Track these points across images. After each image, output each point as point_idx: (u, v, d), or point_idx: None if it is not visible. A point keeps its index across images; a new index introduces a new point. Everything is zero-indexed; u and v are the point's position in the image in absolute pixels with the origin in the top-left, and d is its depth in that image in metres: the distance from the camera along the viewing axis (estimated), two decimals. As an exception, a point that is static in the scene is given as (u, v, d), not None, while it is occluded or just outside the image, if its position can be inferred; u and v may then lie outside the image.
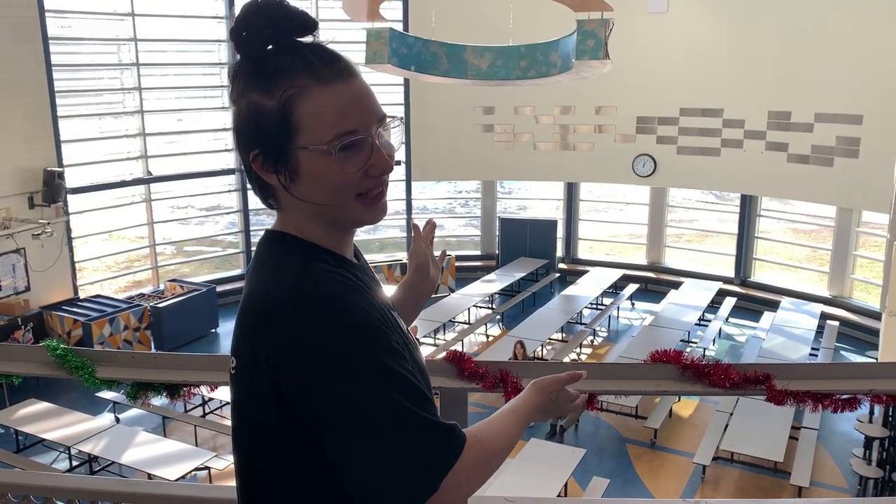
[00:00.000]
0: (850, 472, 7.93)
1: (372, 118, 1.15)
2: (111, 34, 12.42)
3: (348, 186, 1.15)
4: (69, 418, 8.11)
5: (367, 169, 1.15)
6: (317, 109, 1.12)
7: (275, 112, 1.13)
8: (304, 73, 1.12)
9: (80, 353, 1.96)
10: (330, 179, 1.14)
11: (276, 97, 1.13)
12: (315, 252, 1.20)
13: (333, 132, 1.12)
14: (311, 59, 1.13)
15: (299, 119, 1.12)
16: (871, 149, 11.26)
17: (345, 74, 1.14)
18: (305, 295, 1.10)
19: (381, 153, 1.16)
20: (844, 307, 12.41)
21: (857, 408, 1.62)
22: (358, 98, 1.15)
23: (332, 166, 1.13)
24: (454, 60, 9.80)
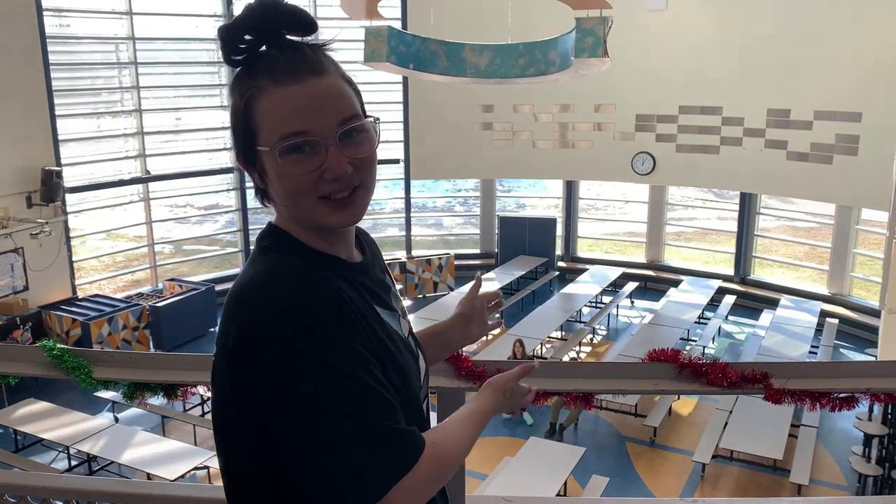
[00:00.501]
0: (850, 469, 7.93)
1: (329, 120, 1.11)
2: (109, 33, 12.40)
3: (303, 189, 1.12)
4: (68, 418, 8.10)
5: (323, 172, 1.11)
6: (268, 110, 1.12)
7: (241, 112, 1.15)
8: (264, 73, 1.12)
9: (77, 354, 1.96)
10: (285, 182, 1.13)
11: (242, 98, 1.15)
12: (299, 249, 1.18)
13: (279, 133, 1.10)
14: (276, 58, 1.12)
15: (255, 120, 1.13)
16: (870, 146, 11.25)
17: (302, 75, 1.11)
18: (269, 290, 1.09)
19: (337, 156, 1.11)
20: (844, 305, 12.41)
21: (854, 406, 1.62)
22: (311, 99, 1.11)
23: (281, 168, 1.11)
24: (453, 59, 9.79)
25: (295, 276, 1.11)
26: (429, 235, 16.13)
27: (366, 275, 1.27)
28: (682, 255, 15.12)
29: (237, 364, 1.08)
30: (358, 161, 1.14)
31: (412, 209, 15.07)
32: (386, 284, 1.34)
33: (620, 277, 13.78)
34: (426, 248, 15.39)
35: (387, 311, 1.26)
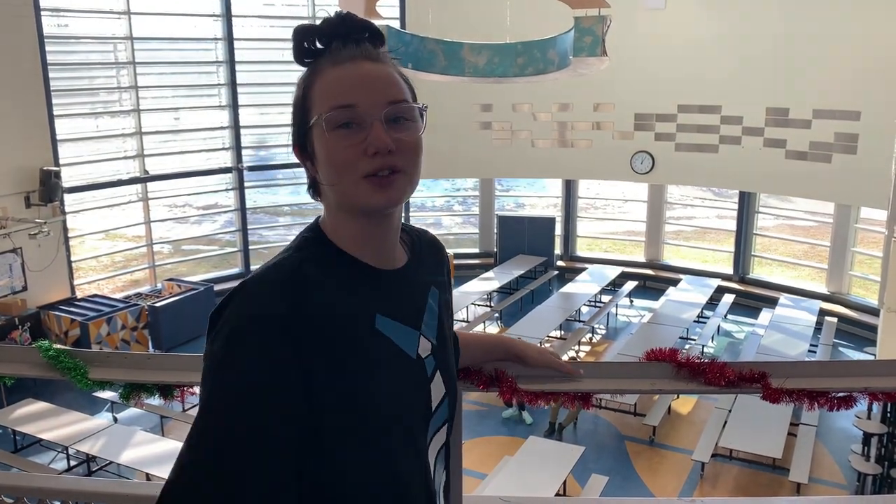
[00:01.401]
0: (849, 468, 7.93)
1: (377, 98, 1.15)
2: (107, 32, 12.39)
3: (348, 164, 1.14)
4: (67, 418, 8.10)
5: (366, 147, 1.13)
6: (322, 88, 1.16)
7: (300, 97, 1.20)
8: (325, 60, 1.18)
9: (73, 354, 1.95)
10: (330, 156, 1.15)
11: (302, 85, 1.20)
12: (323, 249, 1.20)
13: (328, 105, 1.14)
14: (339, 48, 1.18)
15: (312, 98, 1.18)
16: (869, 145, 11.25)
17: (359, 57, 1.17)
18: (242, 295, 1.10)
19: (380, 130, 1.13)
20: (843, 303, 12.42)
21: (852, 406, 1.61)
22: (364, 77, 1.16)
23: (333, 139, 1.14)
24: (451, 58, 9.79)
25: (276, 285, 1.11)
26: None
27: (391, 283, 1.24)
28: (681, 255, 15.12)
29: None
30: (401, 143, 1.16)
31: (411, 208, 15.07)
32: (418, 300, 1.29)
33: (619, 276, 13.78)
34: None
35: (401, 328, 1.22)
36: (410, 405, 1.23)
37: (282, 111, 14.19)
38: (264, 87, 14.17)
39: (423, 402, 1.26)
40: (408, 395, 1.22)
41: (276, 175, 14.91)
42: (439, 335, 1.32)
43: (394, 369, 1.20)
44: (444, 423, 1.33)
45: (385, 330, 1.19)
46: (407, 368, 1.23)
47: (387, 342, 1.19)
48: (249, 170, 14.02)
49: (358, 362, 1.14)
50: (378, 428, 1.16)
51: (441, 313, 1.35)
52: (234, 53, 13.33)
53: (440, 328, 1.33)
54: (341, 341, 1.12)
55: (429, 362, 1.27)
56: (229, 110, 13.61)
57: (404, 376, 1.22)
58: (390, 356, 1.20)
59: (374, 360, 1.17)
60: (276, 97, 14.15)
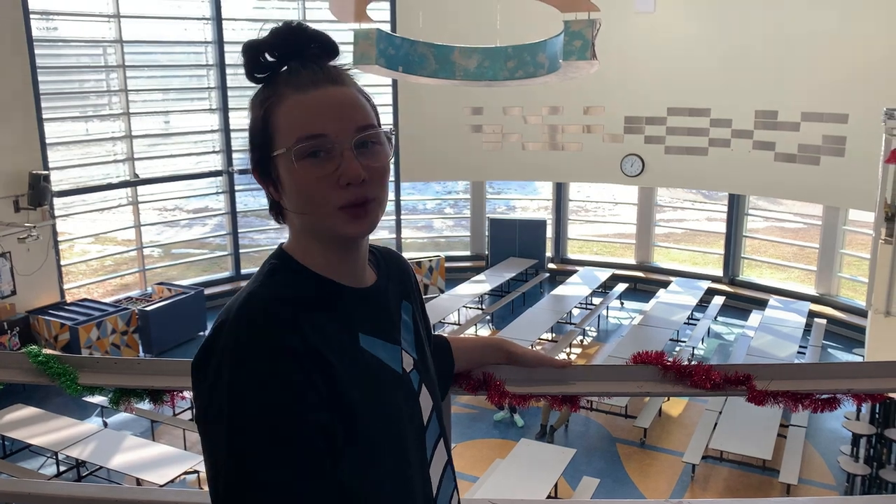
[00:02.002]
0: (838, 469, 7.98)
1: (346, 125, 1.12)
2: (97, 36, 12.35)
3: (320, 195, 1.11)
4: (56, 423, 8.05)
5: (338, 177, 1.10)
6: (286, 115, 1.12)
7: (259, 121, 1.16)
8: (284, 83, 1.14)
9: (62, 359, 1.94)
10: (299, 187, 1.12)
11: (261, 109, 1.15)
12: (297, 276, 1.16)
13: (296, 136, 1.10)
14: (297, 70, 1.14)
15: (274, 126, 1.13)
16: (856, 147, 11.33)
17: (323, 82, 1.13)
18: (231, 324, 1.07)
19: (352, 161, 1.10)
20: (832, 305, 12.49)
21: (836, 407, 1.63)
22: (330, 104, 1.12)
23: (302, 171, 1.10)
24: (442, 61, 9.80)
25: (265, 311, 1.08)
26: (419, 238, 16.15)
27: (368, 302, 1.23)
28: (671, 257, 15.18)
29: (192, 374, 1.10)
30: (371, 171, 1.13)
31: (402, 211, 15.07)
32: (395, 314, 1.29)
33: (610, 279, 13.82)
34: (416, 251, 15.39)
35: (382, 344, 1.21)
36: (406, 421, 1.22)
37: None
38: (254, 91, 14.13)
39: (416, 417, 1.25)
40: (402, 411, 1.21)
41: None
42: (418, 349, 1.32)
43: (385, 386, 1.19)
44: (440, 438, 1.32)
45: (370, 348, 1.18)
46: (396, 384, 1.22)
47: (374, 360, 1.19)
48: (240, 173, 13.99)
49: (353, 381, 1.12)
50: (378, 446, 1.14)
51: (416, 327, 1.35)
52: (225, 56, 13.32)
53: (418, 342, 1.33)
54: (335, 361, 1.10)
55: (413, 376, 1.26)
56: (219, 114, 13.59)
57: (395, 392, 1.21)
58: (380, 373, 1.19)
59: (367, 377, 1.16)
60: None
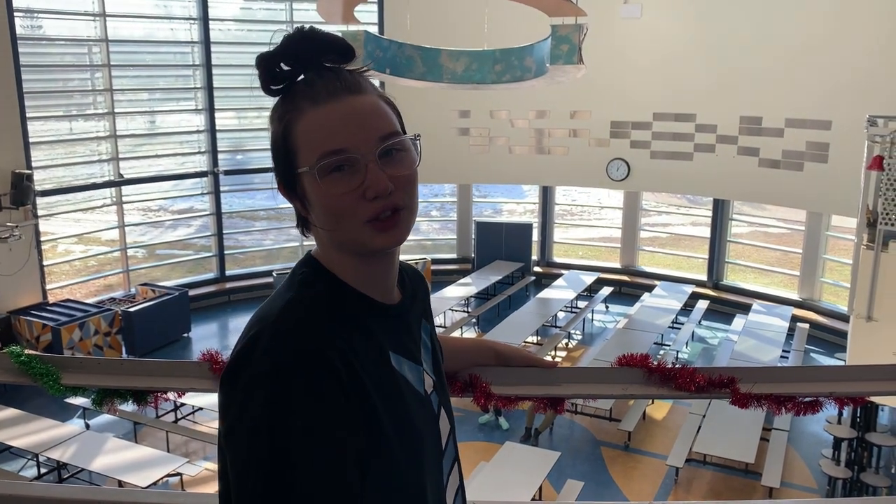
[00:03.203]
0: (820, 472, 8.05)
1: (369, 136, 1.08)
2: (81, 34, 12.26)
3: (345, 210, 1.07)
4: (37, 424, 7.97)
5: (364, 190, 1.07)
6: (306, 131, 1.08)
7: (280, 138, 1.12)
8: (302, 96, 1.10)
9: (45, 360, 1.93)
10: (326, 203, 1.08)
11: (281, 124, 1.12)
12: (330, 286, 1.13)
13: (318, 152, 1.07)
14: (314, 81, 1.11)
15: (294, 142, 1.10)
16: (839, 154, 11.45)
17: (340, 93, 1.09)
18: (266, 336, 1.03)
19: (377, 173, 1.07)
20: (814, 310, 12.60)
21: (818, 410, 1.65)
22: (349, 116, 1.08)
23: (321, 189, 1.07)
24: (429, 64, 9.80)
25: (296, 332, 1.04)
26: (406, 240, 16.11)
27: (397, 319, 1.20)
28: (656, 261, 15.25)
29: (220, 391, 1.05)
30: (398, 180, 1.10)
31: (389, 214, 15.04)
32: (417, 334, 1.25)
33: (595, 282, 13.87)
34: (403, 254, 15.27)
35: (409, 365, 1.18)
36: (428, 443, 1.18)
37: (258, 115, 14.14)
38: (241, 91, 14.10)
39: (436, 440, 1.22)
40: (424, 433, 1.18)
41: (253, 179, 14.84)
42: (436, 371, 1.29)
43: (411, 407, 1.15)
44: (455, 462, 1.29)
45: (398, 366, 1.15)
46: (420, 405, 1.19)
47: (402, 379, 1.15)
48: (225, 174, 13.94)
49: (382, 400, 1.08)
50: (400, 467, 1.10)
51: (434, 348, 1.32)
52: (211, 57, 13.26)
53: (436, 363, 1.30)
54: (367, 379, 1.06)
55: (433, 398, 1.24)
56: (205, 114, 13.53)
57: (420, 413, 1.18)
58: (407, 393, 1.15)
59: (396, 397, 1.12)
60: (252, 101, 14.10)
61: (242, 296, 13.69)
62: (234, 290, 13.81)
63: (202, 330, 12.40)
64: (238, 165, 14.37)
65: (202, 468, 7.67)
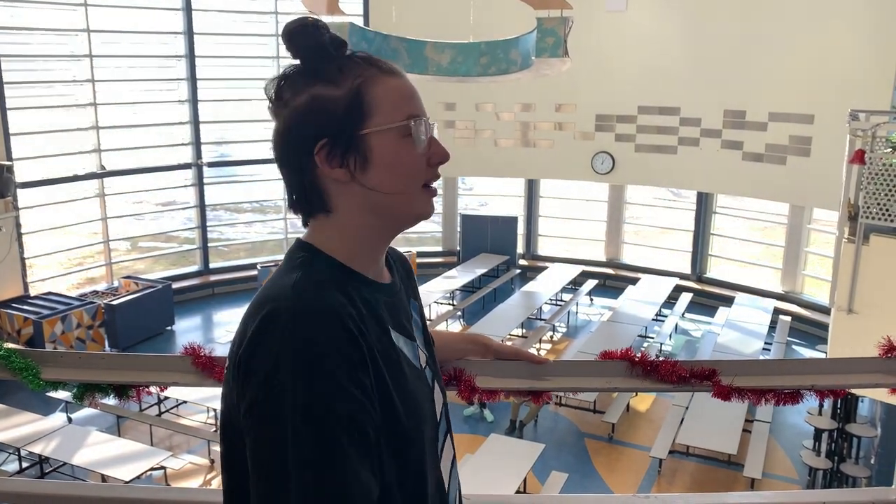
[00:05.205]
0: (801, 463, 8.14)
1: (425, 111, 1.20)
2: (63, 24, 12.11)
3: (418, 171, 1.17)
4: (19, 418, 7.91)
5: (430, 157, 1.17)
6: (388, 93, 1.15)
7: (344, 99, 1.13)
8: (367, 66, 1.17)
9: (25, 354, 1.90)
10: (402, 161, 1.16)
11: (344, 87, 1.14)
12: (330, 265, 1.16)
13: (405, 113, 1.15)
14: (370, 58, 1.19)
15: (370, 103, 1.14)
16: (821, 147, 11.54)
17: (398, 71, 1.20)
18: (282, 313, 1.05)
19: (440, 143, 1.19)
20: (796, 302, 12.72)
21: (799, 401, 1.66)
22: (415, 90, 1.19)
23: (404, 147, 1.15)
24: (415, 56, 9.78)
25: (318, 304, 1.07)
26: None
27: (392, 297, 1.24)
28: (640, 254, 15.31)
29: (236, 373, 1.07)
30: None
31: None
32: (409, 311, 1.30)
33: (580, 275, 13.92)
34: (388, 246, 15.34)
35: (405, 340, 1.22)
36: (426, 416, 1.22)
37: (242, 107, 14.03)
38: (225, 83, 13.99)
39: (432, 412, 1.26)
40: (423, 406, 1.22)
41: (237, 171, 14.74)
42: (427, 346, 1.33)
43: (411, 381, 1.19)
44: (447, 434, 1.33)
45: (398, 343, 1.19)
46: (417, 378, 1.22)
47: (402, 354, 1.19)
48: (209, 166, 13.84)
49: (390, 374, 1.12)
50: (403, 440, 1.14)
51: (424, 324, 1.37)
52: (195, 47, 13.14)
53: (426, 340, 1.34)
54: (379, 355, 1.10)
55: (427, 373, 1.28)
56: (189, 105, 13.42)
57: (417, 385, 1.21)
58: (407, 368, 1.19)
59: (399, 371, 1.16)
60: (237, 92, 13.99)
61: (226, 289, 13.63)
62: (218, 283, 13.74)
63: (186, 323, 12.33)
64: (222, 157, 14.28)
65: (186, 462, 7.64)
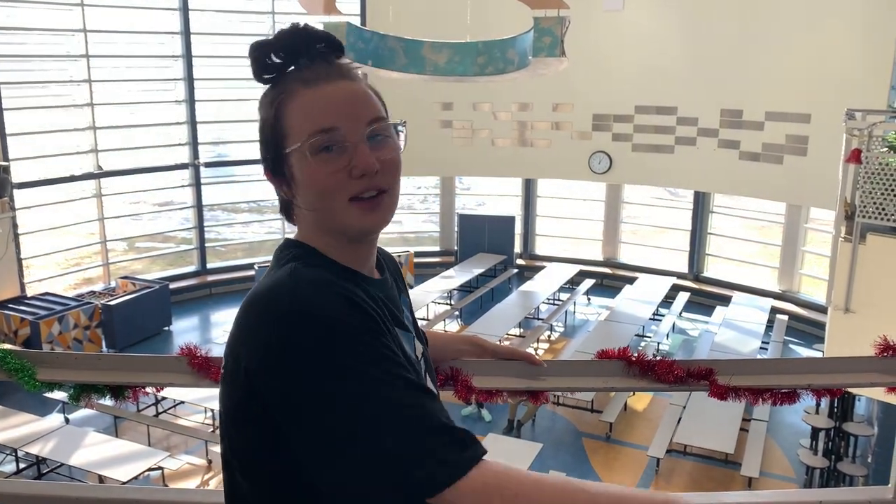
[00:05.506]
0: (798, 462, 8.15)
1: (359, 118, 1.13)
2: (60, 24, 12.08)
3: (333, 188, 1.11)
4: (16, 419, 7.90)
5: (351, 169, 1.11)
6: (300, 110, 1.12)
7: (270, 121, 1.15)
8: (294, 78, 1.14)
9: (20, 355, 1.90)
10: (313, 181, 1.12)
11: (272, 108, 1.15)
12: (319, 260, 1.16)
13: (309, 130, 1.11)
14: (306, 66, 1.15)
15: (285, 122, 1.13)
16: (818, 147, 11.55)
17: (333, 77, 1.14)
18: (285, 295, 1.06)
19: (365, 152, 1.11)
20: (793, 301, 12.73)
21: (795, 401, 1.66)
22: (342, 98, 1.13)
23: (318, 163, 1.10)
24: (412, 56, 9.76)
25: (320, 280, 1.09)
26: (388, 233, 16.09)
27: (385, 292, 1.24)
28: (637, 253, 15.31)
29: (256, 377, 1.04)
30: (384, 163, 1.13)
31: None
32: (400, 307, 1.30)
33: (577, 275, 13.93)
34: (385, 246, 15.29)
35: (402, 332, 1.22)
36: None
37: (240, 107, 14.02)
38: (222, 83, 13.97)
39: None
40: None
41: (234, 171, 14.72)
42: (420, 339, 1.33)
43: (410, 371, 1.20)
44: None
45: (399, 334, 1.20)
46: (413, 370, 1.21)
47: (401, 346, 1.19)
48: (206, 166, 13.83)
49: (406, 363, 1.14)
50: None
51: (415, 319, 1.38)
52: (192, 48, 13.13)
53: (419, 332, 1.35)
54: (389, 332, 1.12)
55: (420, 366, 1.28)
56: (186, 105, 13.40)
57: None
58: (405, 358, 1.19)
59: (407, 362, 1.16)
60: (234, 92, 13.97)
61: (224, 289, 13.61)
62: (216, 284, 13.73)
63: (183, 323, 12.32)
64: (219, 157, 14.27)
65: (184, 462, 7.63)
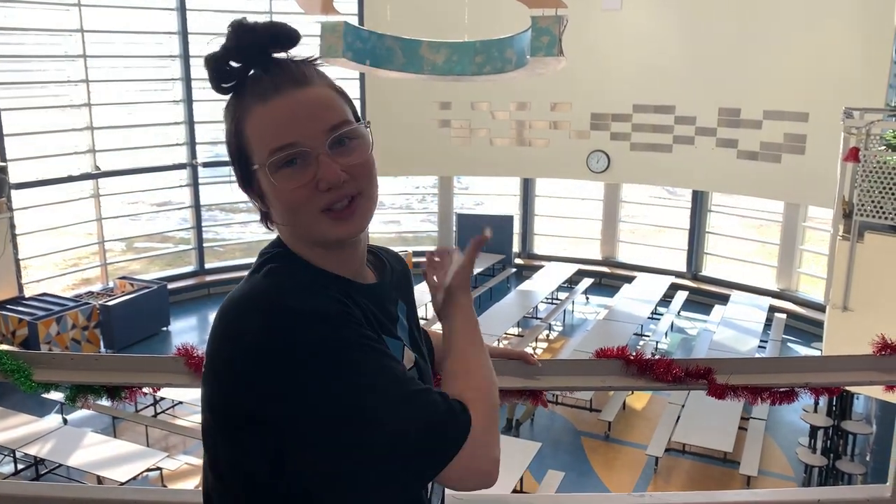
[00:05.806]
0: (797, 461, 8.16)
1: (316, 128, 1.08)
2: (57, 24, 12.06)
3: (301, 203, 1.08)
4: (14, 420, 7.88)
5: (317, 182, 1.07)
6: (255, 129, 1.10)
7: (232, 135, 1.13)
8: (250, 94, 1.11)
9: (16, 356, 1.90)
10: (280, 198, 1.09)
11: (233, 122, 1.13)
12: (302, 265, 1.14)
13: (268, 149, 1.08)
14: (260, 78, 1.11)
15: (246, 140, 1.11)
16: (816, 145, 11.56)
17: (285, 87, 1.09)
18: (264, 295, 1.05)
19: (328, 163, 1.07)
20: (792, 300, 12.74)
21: (794, 400, 1.66)
22: (296, 110, 1.08)
23: (282, 179, 1.08)
24: (410, 55, 9.75)
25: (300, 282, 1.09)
26: (386, 233, 16.09)
27: (372, 299, 1.19)
28: (635, 252, 15.32)
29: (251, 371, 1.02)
30: (352, 168, 1.10)
31: (369, 206, 14.98)
32: (393, 314, 1.26)
33: (576, 274, 13.94)
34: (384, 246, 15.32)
35: (390, 340, 1.19)
36: None
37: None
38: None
39: None
40: None
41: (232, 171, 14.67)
42: (415, 347, 1.30)
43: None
44: None
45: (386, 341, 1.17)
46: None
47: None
48: (204, 166, 13.81)
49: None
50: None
51: (411, 326, 1.34)
52: (189, 48, 13.11)
53: (414, 340, 1.32)
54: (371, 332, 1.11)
55: (415, 373, 1.25)
56: (184, 105, 13.38)
57: None
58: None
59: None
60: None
61: (222, 289, 13.59)
62: (214, 284, 13.71)
63: (181, 324, 12.31)
64: (217, 157, 14.25)
65: (182, 462, 7.62)
